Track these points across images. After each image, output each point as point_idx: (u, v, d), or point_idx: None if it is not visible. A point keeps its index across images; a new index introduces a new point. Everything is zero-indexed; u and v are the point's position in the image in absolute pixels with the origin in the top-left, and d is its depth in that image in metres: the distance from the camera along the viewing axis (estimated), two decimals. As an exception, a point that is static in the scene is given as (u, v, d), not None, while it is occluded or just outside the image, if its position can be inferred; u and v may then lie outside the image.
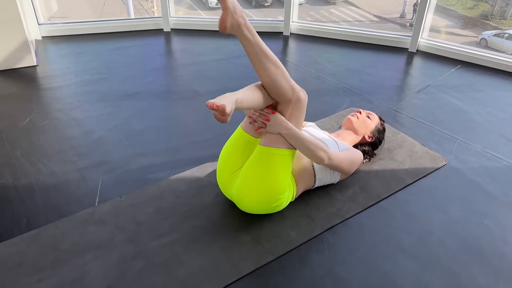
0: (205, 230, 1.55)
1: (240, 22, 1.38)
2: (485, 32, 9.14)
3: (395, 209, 1.67)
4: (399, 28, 10.95)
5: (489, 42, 8.74)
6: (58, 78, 2.69)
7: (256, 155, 1.52)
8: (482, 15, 10.44)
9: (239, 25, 1.38)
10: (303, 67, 2.93)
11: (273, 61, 1.44)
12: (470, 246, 1.51)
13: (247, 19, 1.40)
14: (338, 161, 1.62)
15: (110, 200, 1.69)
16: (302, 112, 1.53)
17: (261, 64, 1.44)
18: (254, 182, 1.50)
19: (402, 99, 2.51)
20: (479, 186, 1.80)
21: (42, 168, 1.87)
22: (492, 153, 2.02)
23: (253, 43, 1.41)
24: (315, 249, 1.49)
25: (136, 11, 11.40)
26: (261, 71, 1.45)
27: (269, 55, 1.44)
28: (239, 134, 1.59)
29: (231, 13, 1.35)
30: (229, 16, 1.36)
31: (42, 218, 1.60)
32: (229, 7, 1.35)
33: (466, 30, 10.24)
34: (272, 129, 1.49)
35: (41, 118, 2.24)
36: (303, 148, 1.52)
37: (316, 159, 1.55)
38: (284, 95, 1.48)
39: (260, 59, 1.43)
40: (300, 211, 1.65)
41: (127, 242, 1.50)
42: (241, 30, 1.39)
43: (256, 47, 1.42)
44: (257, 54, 1.42)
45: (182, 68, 2.89)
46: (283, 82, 1.45)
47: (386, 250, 1.49)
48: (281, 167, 1.50)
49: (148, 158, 1.95)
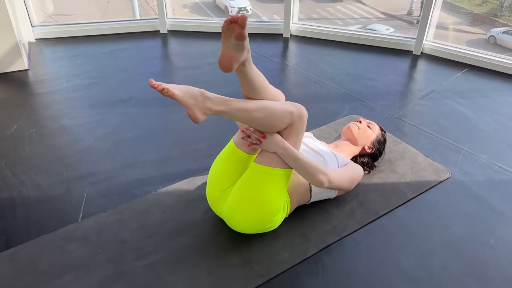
0: (191, 249, 1.46)
1: (208, 106, 1.27)
2: (494, 29, 8.99)
3: (394, 226, 1.58)
4: (406, 25, 10.80)
5: (498, 39, 8.59)
6: (49, 82, 2.61)
7: (250, 173, 1.42)
8: (491, 12, 10.28)
9: (210, 109, 1.28)
10: (302, 71, 2.83)
11: (256, 109, 1.33)
12: (474, 268, 1.41)
13: (210, 95, 1.29)
14: (339, 183, 1.51)
15: (94, 216, 1.60)
16: (302, 129, 1.43)
17: (248, 119, 1.34)
18: (246, 203, 1.41)
19: (405, 105, 2.41)
20: (484, 201, 1.70)
21: (26, 180, 1.79)
22: (499, 165, 1.91)
23: (231, 112, 1.30)
24: (308, 271, 1.39)
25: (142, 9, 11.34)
26: (253, 124, 1.36)
27: (249, 108, 1.32)
28: (231, 149, 1.49)
29: (195, 105, 1.25)
30: (196, 109, 1.25)
31: (22, 235, 1.52)
32: (188, 102, 1.24)
33: (474, 27, 10.08)
34: (268, 148, 1.40)
35: (29, 125, 2.17)
36: (300, 169, 1.41)
37: (315, 183, 1.44)
38: (283, 127, 1.39)
39: (244, 117, 1.33)
40: (294, 228, 1.55)
41: (109, 262, 1.42)
42: (215, 111, 1.29)
43: (235, 112, 1.31)
44: (239, 116, 1.32)
45: (178, 72, 2.80)
46: (277, 122, 1.36)
47: (384, 272, 1.39)
48: (276, 187, 1.40)
49: (136, 169, 1.86)
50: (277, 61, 2.97)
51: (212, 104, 1.27)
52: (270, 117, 1.34)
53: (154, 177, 1.82)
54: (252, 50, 3.14)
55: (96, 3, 11.17)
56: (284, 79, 2.73)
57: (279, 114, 1.35)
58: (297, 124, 1.40)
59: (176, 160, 1.92)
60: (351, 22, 11.33)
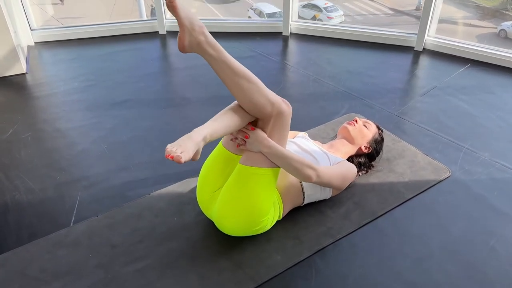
0: (182, 254, 1.44)
1: (200, 40, 1.23)
2: (505, 22, 8.84)
3: (391, 228, 1.53)
4: (415, 20, 10.66)
5: (508, 33, 8.44)
6: (46, 86, 2.61)
7: (236, 174, 1.39)
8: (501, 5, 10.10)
9: (199, 43, 1.23)
10: (302, 69, 2.79)
11: (244, 76, 1.29)
12: (473, 271, 1.36)
13: (208, 35, 1.25)
14: (328, 178, 1.48)
15: (86, 220, 1.59)
16: (286, 126, 1.39)
17: (232, 82, 1.29)
18: (233, 204, 1.38)
19: (405, 103, 2.35)
20: (485, 201, 1.65)
21: (19, 184, 1.78)
22: (501, 163, 1.85)
23: (219, 61, 1.27)
24: (301, 275, 1.36)
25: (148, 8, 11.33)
26: (233, 89, 1.31)
27: (239, 70, 1.29)
28: (219, 150, 1.47)
29: (189, 30, 1.21)
30: (187, 34, 1.21)
31: (13, 240, 1.51)
32: (185, 24, 1.20)
33: (484, 21, 9.92)
34: (252, 147, 1.37)
35: (25, 129, 2.16)
36: (287, 166, 1.38)
37: (303, 178, 1.41)
38: (262, 111, 1.34)
39: (229, 77, 1.29)
40: (288, 231, 1.52)
41: (99, 267, 1.40)
42: (203, 48, 1.24)
43: (223, 64, 1.27)
44: (225, 72, 1.28)
45: (175, 73, 2.78)
46: (259, 98, 1.31)
47: (380, 275, 1.35)
48: (262, 187, 1.37)
49: (130, 172, 1.84)
50: (276, 60, 2.93)
51: (204, 39, 1.23)
52: (253, 92, 1.30)
53: (147, 180, 1.80)
54: (251, 49, 3.12)
55: (104, 5, 11.22)
56: (283, 78, 2.69)
57: (262, 97, 1.31)
58: (277, 119, 1.36)
59: (170, 162, 1.89)
60: (359, 19, 11.21)
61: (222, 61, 1.26)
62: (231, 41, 3.25)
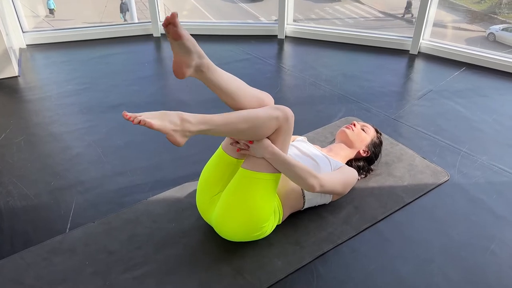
0: (181, 260, 1.41)
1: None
2: (493, 26, 8.90)
3: (392, 232, 1.53)
4: (405, 24, 10.73)
5: (497, 36, 8.50)
6: (39, 89, 2.57)
7: (237, 179, 1.37)
8: (490, 9, 10.20)
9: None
10: (298, 73, 2.78)
11: (241, 121, 1.27)
12: (474, 276, 1.36)
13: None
14: (332, 187, 1.47)
15: (82, 226, 1.56)
16: (289, 132, 1.38)
17: (236, 132, 1.28)
18: (234, 209, 1.36)
19: (402, 106, 2.36)
20: (484, 205, 1.65)
21: (13, 189, 1.74)
22: (499, 166, 1.86)
23: (217, 131, 1.26)
24: (302, 281, 1.34)
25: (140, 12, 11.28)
26: (239, 135, 1.32)
27: (233, 121, 1.26)
28: (220, 154, 1.45)
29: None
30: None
31: (8, 248, 1.47)
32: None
33: (473, 24, 10.02)
34: (256, 153, 1.35)
35: (17, 133, 2.12)
36: (290, 174, 1.37)
37: (306, 187, 1.39)
38: (270, 129, 1.33)
39: (231, 132, 1.28)
40: (288, 236, 1.50)
41: (96, 274, 1.37)
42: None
43: (222, 128, 1.25)
44: (225, 132, 1.28)
45: (170, 76, 2.76)
46: (265, 129, 1.31)
47: (382, 280, 1.34)
48: (264, 192, 1.35)
49: (126, 177, 1.82)
50: (272, 63, 2.92)
51: (191, 126, 1.21)
52: (256, 126, 1.29)
53: (144, 185, 1.77)
54: (247, 52, 3.11)
55: (94, 7, 11.15)
56: (279, 81, 2.68)
57: (265, 121, 1.30)
58: (283, 126, 1.35)
59: (167, 167, 1.88)
60: (350, 22, 11.26)
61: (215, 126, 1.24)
62: (226, 44, 3.23)
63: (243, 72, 2.76)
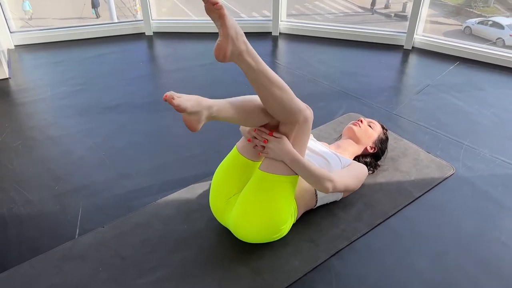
0: (197, 262, 1.40)
1: (241, 50, 1.16)
2: (469, 20, 9.05)
3: (404, 227, 1.54)
4: (384, 19, 10.84)
5: (473, 30, 8.63)
6: (32, 91, 2.50)
7: (256, 182, 1.35)
8: (466, 2, 10.38)
9: (240, 53, 1.17)
10: (295, 69, 2.78)
11: (278, 85, 1.25)
12: (489, 267, 1.38)
13: (248, 44, 1.19)
14: (344, 186, 1.48)
15: (92, 231, 1.52)
16: (308, 133, 1.37)
17: (266, 91, 1.24)
18: (254, 212, 1.34)
19: (401, 101, 2.38)
20: (491, 197, 1.67)
21: (15, 196, 1.69)
22: (501, 159, 1.89)
23: (257, 71, 1.21)
24: (321, 279, 1.34)
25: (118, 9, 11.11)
26: (266, 97, 1.26)
27: (274, 80, 1.24)
28: (235, 156, 1.43)
29: (233, 40, 1.14)
30: (230, 44, 1.14)
31: (15, 256, 1.43)
32: (231, 34, 1.13)
33: (450, 18, 10.19)
34: (276, 156, 1.33)
35: (14, 137, 2.06)
36: (307, 177, 1.36)
37: (320, 188, 1.40)
38: (291, 118, 1.32)
39: (265, 86, 1.24)
40: (302, 234, 1.50)
41: (111, 280, 1.34)
42: (243, 58, 1.18)
43: (260, 74, 1.22)
44: (261, 81, 1.23)
45: (167, 75, 2.72)
46: (291, 106, 1.29)
47: (400, 275, 1.35)
48: (284, 194, 1.34)
49: (132, 179, 1.78)
50: (267, 60, 2.91)
51: (245, 49, 1.16)
52: (285, 100, 1.27)
53: (151, 187, 1.74)
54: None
55: (72, 6, 10.95)
56: (277, 78, 2.67)
57: (293, 104, 1.29)
58: (302, 126, 1.34)
59: (173, 168, 1.85)
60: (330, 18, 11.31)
61: (260, 70, 1.22)
62: (220, 41, 3.20)
63: (238, 69, 2.73)
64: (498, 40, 7.57)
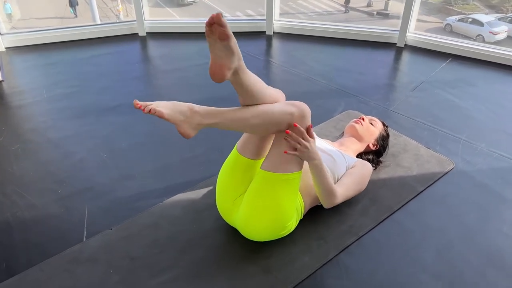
0: (208, 262, 1.40)
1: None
2: (449, 17, 9.20)
3: (409, 221, 1.57)
4: (367, 17, 10.95)
5: (453, 27, 8.77)
6: (27, 93, 2.46)
7: (259, 181, 1.36)
8: (446, 0, 10.55)
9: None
10: (290, 68, 2.79)
11: (254, 116, 1.26)
12: (493, 258, 1.42)
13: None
14: (346, 196, 1.53)
15: (100, 234, 1.51)
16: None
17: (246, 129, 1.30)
18: (259, 211, 1.35)
19: (398, 98, 2.41)
20: (491, 190, 1.72)
21: (18, 200, 1.67)
22: (498, 152, 1.94)
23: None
24: (332, 274, 1.36)
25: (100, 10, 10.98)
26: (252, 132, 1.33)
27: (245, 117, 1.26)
28: (236, 157, 1.43)
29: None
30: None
31: (24, 260, 1.41)
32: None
33: (431, 16, 10.35)
34: (306, 156, 1.33)
35: (12, 141, 2.03)
36: (320, 181, 1.40)
37: (324, 198, 1.46)
38: (283, 125, 1.31)
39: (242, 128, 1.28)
40: (310, 231, 1.52)
41: (123, 282, 1.34)
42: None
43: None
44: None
45: (164, 75, 2.71)
46: (276, 126, 1.30)
47: (407, 269, 1.38)
48: (287, 192, 1.36)
49: (136, 181, 1.78)
50: (262, 59, 2.92)
51: (202, 118, 1.21)
52: (268, 122, 1.28)
53: (156, 188, 1.74)
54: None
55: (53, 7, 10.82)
56: (273, 77, 2.69)
57: (278, 117, 1.29)
58: (301, 124, 1.35)
59: (176, 169, 1.85)
60: (313, 17, 11.38)
61: (227, 120, 1.24)
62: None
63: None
64: (478, 37, 7.71)
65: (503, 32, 7.86)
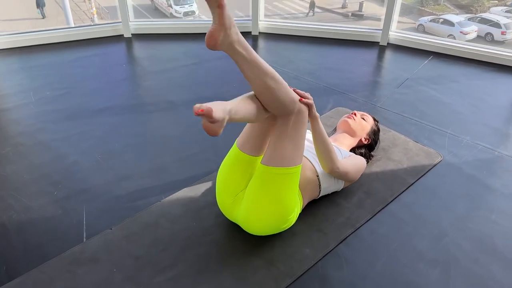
0: (211, 257, 1.42)
1: (233, 39, 1.20)
2: (422, 18, 9.44)
3: (403, 212, 1.63)
4: (342, 18, 11.14)
5: (426, 27, 8.99)
6: (14, 96, 2.42)
7: (260, 176, 1.39)
8: (418, 1, 10.82)
9: (231, 43, 1.20)
10: (278, 67, 2.83)
11: (271, 76, 1.28)
12: (484, 244, 1.48)
13: (240, 35, 1.22)
14: (345, 170, 1.56)
15: (100, 234, 1.51)
16: (305, 123, 1.42)
17: (260, 81, 1.27)
18: (261, 206, 1.38)
19: (384, 95, 2.48)
20: (478, 180, 1.79)
21: (13, 203, 1.65)
22: (482, 144, 2.03)
23: (249, 60, 1.24)
24: (332, 265, 1.40)
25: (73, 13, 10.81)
26: (260, 88, 1.29)
27: (266, 70, 1.27)
28: (236, 154, 1.46)
29: (225, 29, 1.17)
30: (222, 32, 1.17)
31: (24, 263, 1.40)
32: (225, 23, 1.16)
33: (404, 17, 10.62)
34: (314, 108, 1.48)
35: (2, 144, 2.00)
36: (322, 140, 1.49)
37: (329, 162, 1.51)
38: (285, 110, 1.35)
39: (258, 76, 1.26)
40: (309, 224, 1.55)
41: (128, 281, 1.34)
42: (234, 48, 1.21)
43: (253, 65, 1.25)
44: (254, 71, 1.26)
45: (152, 76, 2.71)
46: (285, 97, 1.32)
47: (404, 258, 1.43)
48: (288, 186, 1.39)
49: (132, 181, 1.78)
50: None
51: (237, 39, 1.20)
52: (279, 91, 1.30)
53: (153, 187, 1.74)
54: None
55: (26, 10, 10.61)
56: (262, 76, 2.72)
57: (287, 96, 1.32)
58: (298, 116, 1.38)
59: (172, 168, 1.86)
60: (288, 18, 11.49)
61: (252, 61, 1.25)
62: (199, 42, 3.22)
63: (223, 69, 2.77)
64: (449, 37, 7.94)
65: (473, 32, 8.11)
